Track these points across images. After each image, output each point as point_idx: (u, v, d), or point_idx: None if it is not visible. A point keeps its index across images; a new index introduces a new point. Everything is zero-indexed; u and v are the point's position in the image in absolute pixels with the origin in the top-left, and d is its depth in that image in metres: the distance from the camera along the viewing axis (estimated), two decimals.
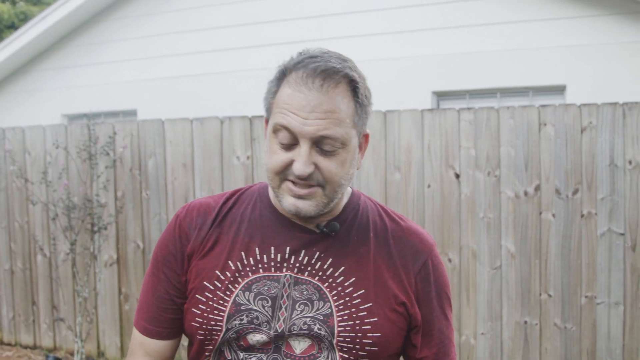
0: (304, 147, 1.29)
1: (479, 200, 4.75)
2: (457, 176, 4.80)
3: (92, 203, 5.52)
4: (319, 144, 1.30)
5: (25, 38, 8.38)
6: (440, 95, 7.12)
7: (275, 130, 1.33)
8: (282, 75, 1.36)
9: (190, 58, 7.93)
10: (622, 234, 4.46)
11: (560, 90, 6.74)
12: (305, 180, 1.31)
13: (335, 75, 1.30)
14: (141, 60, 8.18)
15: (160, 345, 1.48)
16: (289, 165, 1.32)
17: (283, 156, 1.32)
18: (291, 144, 1.31)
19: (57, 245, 5.78)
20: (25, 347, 6.10)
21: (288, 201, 1.34)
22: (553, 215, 4.59)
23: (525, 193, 4.65)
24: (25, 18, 16.70)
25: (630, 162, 4.44)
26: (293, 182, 1.33)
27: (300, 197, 1.33)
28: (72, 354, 5.80)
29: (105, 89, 8.34)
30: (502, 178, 4.71)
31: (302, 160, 1.29)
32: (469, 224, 4.77)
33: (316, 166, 1.31)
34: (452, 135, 4.82)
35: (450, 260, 4.77)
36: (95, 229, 5.41)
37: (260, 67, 7.51)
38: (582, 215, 4.54)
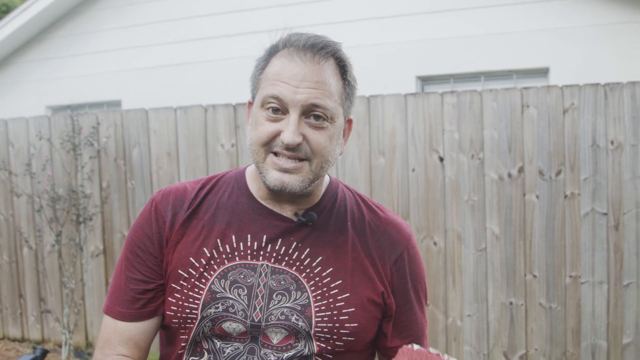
0: (293, 116, 1.28)
1: (463, 183, 4.77)
2: (441, 160, 4.81)
3: (77, 194, 5.49)
4: (308, 113, 1.30)
5: (7, 29, 8.32)
6: (425, 80, 7.12)
7: (264, 103, 1.32)
8: (272, 52, 1.36)
9: (174, 47, 7.90)
10: (605, 214, 4.49)
11: (543, 72, 6.76)
12: (292, 152, 1.30)
13: (326, 48, 1.32)
14: (124, 51, 8.14)
15: (137, 329, 1.41)
16: (275, 136, 1.30)
17: (270, 127, 1.31)
18: (278, 117, 1.31)
19: (43, 237, 5.76)
20: (13, 339, 6.09)
21: (273, 176, 1.32)
22: (537, 197, 4.62)
23: (509, 175, 4.67)
24: (7, 10, 16.55)
25: (612, 143, 4.47)
26: (278, 155, 1.32)
27: (286, 170, 1.31)
28: (60, 346, 5.79)
29: (88, 80, 8.29)
30: (485, 161, 4.72)
31: (291, 129, 1.28)
32: (454, 207, 4.79)
33: (304, 138, 1.30)
34: (436, 119, 4.82)
35: (435, 244, 4.79)
36: (81, 219, 5.38)
37: (242, 55, 7.50)
38: (566, 196, 4.56)
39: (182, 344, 1.40)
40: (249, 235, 1.39)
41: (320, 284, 1.36)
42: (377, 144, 4.92)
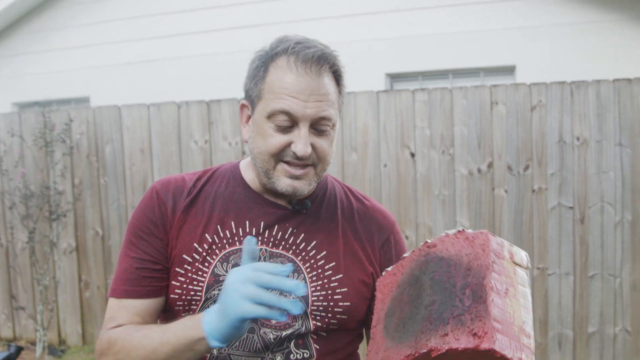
0: (303, 130, 1.36)
1: (434, 179, 4.88)
2: (413, 155, 4.92)
3: (49, 191, 5.48)
4: (314, 125, 1.38)
5: None
6: (394, 77, 7.23)
7: (272, 115, 1.37)
8: (270, 59, 1.41)
9: (143, 44, 7.89)
10: (571, 208, 4.63)
11: (510, 70, 6.90)
12: (303, 160, 1.38)
13: (327, 61, 1.39)
14: (93, 47, 8.10)
15: (142, 305, 1.44)
16: (286, 147, 1.37)
17: (280, 139, 1.37)
18: (287, 127, 1.37)
19: (15, 234, 5.73)
20: None
21: (284, 182, 1.40)
22: (505, 191, 4.75)
23: (479, 170, 4.79)
24: None
25: (578, 139, 4.61)
26: (289, 164, 1.39)
27: (297, 177, 1.40)
28: (32, 344, 5.79)
29: (56, 77, 8.24)
30: (456, 156, 4.84)
31: (303, 142, 1.36)
32: (425, 201, 4.89)
33: (312, 147, 1.38)
34: (407, 115, 4.92)
35: (407, 238, 4.89)
36: (54, 216, 5.37)
37: (213, 52, 7.56)
38: (533, 191, 4.70)
39: None
40: (247, 222, 1.46)
41: (315, 266, 1.45)
42: (349, 140, 5.01)
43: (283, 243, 1.46)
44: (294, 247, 1.46)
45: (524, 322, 1.11)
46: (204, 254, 1.43)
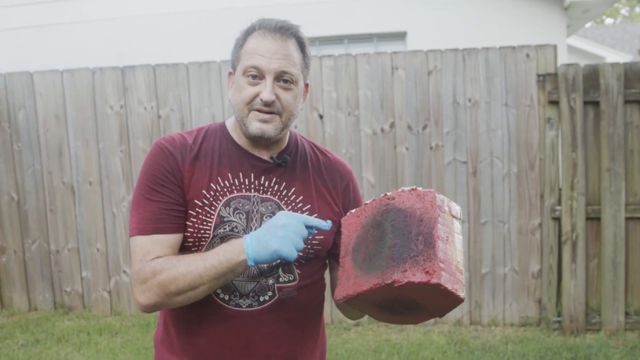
0: (268, 80, 1.70)
1: (341, 138, 5.28)
2: (321, 117, 5.29)
3: None
4: (279, 78, 1.72)
5: None
6: None
7: (245, 71, 1.72)
8: (248, 32, 1.77)
9: (33, 9, 7.82)
10: (465, 162, 5.15)
11: (401, 36, 7.36)
12: (269, 107, 1.71)
13: (290, 30, 1.76)
14: None
15: (174, 238, 1.72)
16: (255, 96, 1.71)
17: (251, 90, 1.71)
18: (256, 82, 1.72)
19: None
20: None
21: (255, 125, 1.73)
22: (406, 149, 5.20)
23: (382, 130, 5.22)
24: None
25: (469, 100, 5.11)
26: (258, 111, 1.72)
27: (264, 121, 1.72)
28: None
29: None
30: (361, 117, 5.25)
31: (268, 90, 1.69)
32: None
33: (277, 97, 1.72)
34: (315, 80, 5.28)
35: None
36: None
37: (106, 17, 7.60)
38: (431, 148, 5.18)
39: None
40: (240, 174, 1.80)
41: (295, 207, 1.82)
42: None
43: (270, 190, 1.81)
44: (278, 193, 1.81)
45: (458, 262, 1.50)
46: (211, 199, 1.75)
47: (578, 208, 4.90)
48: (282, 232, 1.55)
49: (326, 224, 1.62)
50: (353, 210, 1.70)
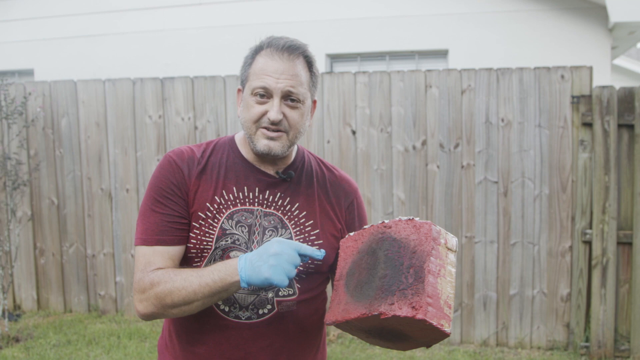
0: (276, 100, 1.75)
1: (373, 154, 5.31)
2: (354, 133, 5.33)
3: (11, 161, 5.65)
4: (286, 97, 1.76)
5: None
6: (334, 58, 7.61)
7: (253, 91, 1.76)
8: (257, 51, 1.82)
9: (87, 18, 8.03)
10: (496, 182, 5.13)
11: (443, 54, 7.35)
12: (276, 125, 1.76)
13: (297, 50, 1.80)
14: (37, 20, 8.20)
15: (174, 250, 1.78)
16: (263, 115, 1.76)
17: (259, 108, 1.76)
18: (264, 101, 1.77)
19: None
20: None
21: (262, 143, 1.78)
22: (437, 167, 5.21)
23: (414, 147, 5.24)
24: None
25: (502, 120, 5.09)
26: (266, 129, 1.77)
27: (271, 139, 1.77)
28: None
29: None
30: (393, 134, 5.27)
31: (275, 109, 1.74)
32: (365, 175, 5.32)
33: (284, 115, 1.77)
34: (349, 96, 5.33)
35: None
36: (16, 185, 5.56)
37: (157, 28, 7.77)
38: (462, 166, 5.17)
39: None
40: (245, 187, 1.85)
41: (298, 223, 1.86)
42: None
43: (274, 205, 1.85)
44: (282, 208, 1.86)
45: (448, 297, 1.53)
46: (214, 212, 1.81)
47: (609, 232, 4.83)
48: (274, 260, 1.58)
49: (320, 254, 1.65)
50: (352, 234, 1.77)
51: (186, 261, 1.84)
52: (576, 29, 6.88)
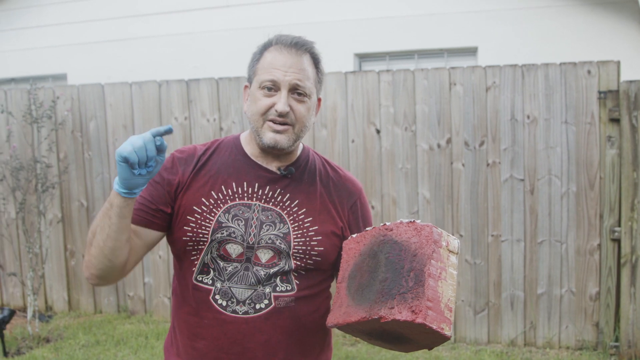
0: (283, 92, 1.78)
1: (397, 153, 5.29)
2: (378, 132, 5.32)
3: (41, 164, 5.74)
4: (293, 91, 1.80)
5: None
6: (362, 57, 7.60)
7: (261, 84, 1.80)
8: (265, 47, 1.86)
9: (118, 22, 8.13)
10: (522, 180, 5.07)
11: (472, 51, 7.30)
12: (283, 118, 1.79)
13: (305, 45, 1.85)
14: (69, 25, 8.32)
15: (144, 231, 1.84)
16: (270, 107, 1.79)
17: (266, 101, 1.79)
18: (272, 94, 1.80)
19: (4, 205, 6.03)
20: None
21: (269, 136, 1.81)
22: (463, 165, 5.17)
23: (438, 145, 5.21)
24: None
25: (528, 117, 5.04)
26: (273, 122, 1.80)
27: (278, 132, 1.80)
28: (20, 310, 6.13)
29: (32, 54, 8.48)
30: (417, 133, 5.25)
31: (282, 101, 1.77)
32: (389, 174, 5.31)
33: (291, 108, 1.80)
34: (373, 94, 5.32)
35: (373, 207, 5.30)
36: (45, 187, 5.64)
37: (187, 31, 7.83)
38: (488, 164, 5.13)
39: (193, 269, 1.87)
40: (244, 183, 1.87)
41: (297, 219, 1.87)
42: (320, 117, 5.39)
43: (273, 200, 1.87)
44: (281, 204, 1.87)
45: (449, 300, 1.52)
46: (210, 206, 1.84)
47: (638, 229, 4.75)
48: (125, 142, 1.61)
49: (166, 127, 1.63)
50: (354, 235, 1.77)
51: (183, 254, 1.87)
52: (607, 24, 6.78)
